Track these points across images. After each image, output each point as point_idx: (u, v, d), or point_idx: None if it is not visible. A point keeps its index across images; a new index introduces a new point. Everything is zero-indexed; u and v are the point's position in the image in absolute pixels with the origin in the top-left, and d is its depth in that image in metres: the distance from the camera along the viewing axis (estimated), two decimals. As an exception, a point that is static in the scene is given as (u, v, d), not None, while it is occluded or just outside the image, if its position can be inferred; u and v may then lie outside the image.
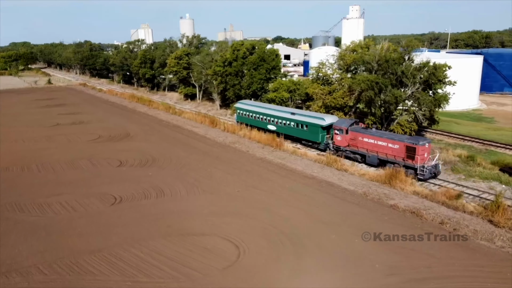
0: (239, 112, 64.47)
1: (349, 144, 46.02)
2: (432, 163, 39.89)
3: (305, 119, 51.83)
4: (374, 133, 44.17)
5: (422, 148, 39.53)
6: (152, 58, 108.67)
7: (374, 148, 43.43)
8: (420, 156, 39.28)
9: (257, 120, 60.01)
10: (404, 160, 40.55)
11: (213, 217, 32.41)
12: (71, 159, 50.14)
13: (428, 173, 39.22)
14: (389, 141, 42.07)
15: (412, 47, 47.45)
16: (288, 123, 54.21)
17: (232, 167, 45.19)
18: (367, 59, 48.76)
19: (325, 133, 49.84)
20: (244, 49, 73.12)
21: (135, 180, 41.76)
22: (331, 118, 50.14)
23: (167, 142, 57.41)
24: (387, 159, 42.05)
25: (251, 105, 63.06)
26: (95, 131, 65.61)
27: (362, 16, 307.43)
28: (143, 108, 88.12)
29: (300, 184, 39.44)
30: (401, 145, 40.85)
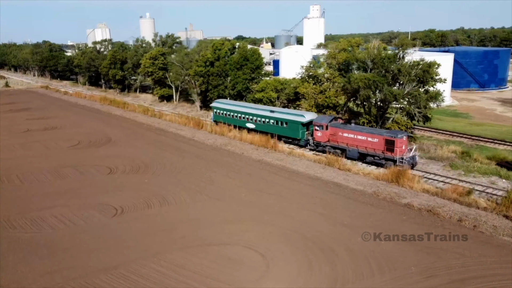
0: (216, 111, 64.57)
1: (329, 139, 47.55)
2: (410, 155, 42.06)
3: (285, 116, 52.78)
4: (353, 128, 45.94)
5: (400, 141, 41.79)
6: (122, 59, 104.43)
7: (354, 143, 45.14)
8: (398, 148, 41.59)
9: (234, 118, 60.37)
10: (383, 153, 42.58)
11: (228, 225, 30.89)
12: (54, 167, 46.75)
13: (406, 164, 41.16)
14: (368, 135, 43.90)
15: (407, 45, 47.77)
16: (267, 121, 55.00)
17: (232, 171, 43.67)
18: (361, 57, 48.69)
19: (305, 129, 51.06)
20: (225, 49, 71.50)
21: (132, 188, 39.36)
22: (310, 115, 51.39)
23: (154, 147, 54.89)
24: (367, 152, 43.85)
25: (228, 104, 63.33)
26: (73, 137, 61.84)
27: (322, 15, 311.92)
28: (118, 111, 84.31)
29: (307, 186, 38.58)
30: (380, 138, 42.82)
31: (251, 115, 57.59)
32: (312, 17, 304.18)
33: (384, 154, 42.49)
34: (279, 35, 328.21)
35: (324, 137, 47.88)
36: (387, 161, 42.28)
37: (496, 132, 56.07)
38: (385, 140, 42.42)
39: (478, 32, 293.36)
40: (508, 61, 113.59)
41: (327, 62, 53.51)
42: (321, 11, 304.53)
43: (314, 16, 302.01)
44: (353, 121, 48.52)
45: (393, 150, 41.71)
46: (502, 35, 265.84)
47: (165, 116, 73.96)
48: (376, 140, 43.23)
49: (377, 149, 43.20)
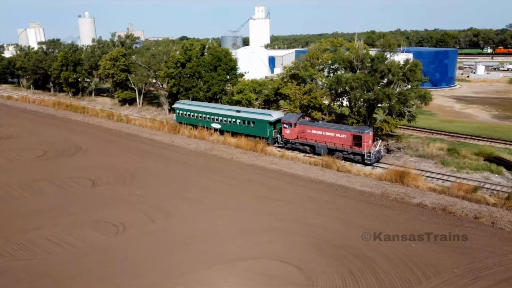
0: (178, 112, 64.31)
1: (298, 136, 48.63)
2: (376, 149, 44.11)
3: (252, 115, 53.60)
4: (321, 125, 47.40)
5: (367, 136, 43.53)
6: (75, 60, 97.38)
7: (322, 139, 46.58)
8: (366, 143, 43.37)
9: (199, 119, 60.45)
10: (351, 148, 44.27)
11: (247, 236, 28.97)
12: (25, 181, 41.87)
13: (374, 158, 43.57)
14: (336, 131, 45.48)
15: (394, 45, 48.30)
16: (233, 121, 55.62)
17: (227, 177, 41.54)
18: (347, 57, 48.51)
19: (272, 128, 52.06)
20: (197, 49, 68.75)
21: (125, 201, 36.03)
22: (277, 114, 52.78)
23: (133, 154, 51.17)
24: (336, 148, 45.44)
25: (192, 104, 63.11)
26: (35, 146, 56.17)
27: (267, 16, 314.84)
28: (77, 116, 78.30)
29: (313, 190, 37.48)
30: (348, 134, 44.46)
31: (217, 115, 57.93)
32: (258, 18, 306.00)
33: (352, 149, 44.09)
34: (226, 36, 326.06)
35: (293, 134, 48.93)
36: (355, 155, 44.07)
37: (469, 128, 58.56)
38: (352, 135, 43.98)
39: (415, 33, 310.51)
40: (456, 60, 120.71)
41: (311, 62, 52.78)
42: (266, 12, 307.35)
43: (260, 17, 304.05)
44: (320, 119, 50.31)
45: (361, 145, 43.42)
46: (437, 36, 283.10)
47: (133, 121, 69.69)
48: (344, 136, 44.76)
49: (345, 144, 44.75)
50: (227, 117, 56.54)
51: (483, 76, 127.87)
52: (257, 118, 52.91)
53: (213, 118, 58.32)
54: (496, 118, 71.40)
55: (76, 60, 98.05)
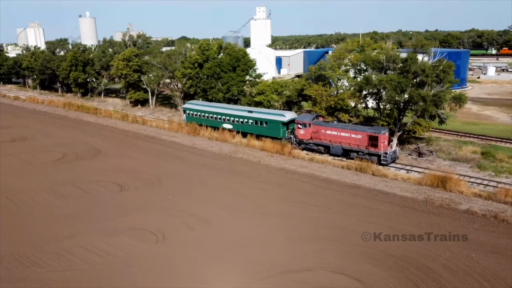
0: (188, 112, 64.00)
1: (312, 137, 48.52)
2: (392, 150, 44.19)
3: (265, 116, 53.29)
4: (336, 126, 47.26)
5: (383, 137, 43.37)
6: (84, 60, 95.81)
7: (337, 139, 46.39)
8: (382, 144, 43.22)
9: (210, 119, 60.34)
10: (367, 148, 43.97)
11: (295, 245, 27.56)
12: (48, 185, 40.37)
13: (390, 158, 43.43)
14: (352, 132, 45.30)
15: (428, 46, 46.99)
16: (246, 121, 55.36)
17: (259, 182, 40.10)
18: (377, 58, 47.17)
19: (285, 128, 51.76)
20: (214, 49, 67.34)
21: (157, 207, 34.55)
22: (290, 114, 52.67)
23: (155, 157, 49.69)
24: (351, 148, 45.16)
25: (202, 105, 62.88)
26: (52, 148, 54.62)
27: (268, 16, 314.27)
28: (89, 117, 76.73)
29: (352, 195, 36.09)
30: (364, 135, 44.27)
31: (228, 115, 57.62)
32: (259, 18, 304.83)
33: (368, 149, 43.82)
34: (227, 36, 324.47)
35: (307, 135, 48.76)
36: (371, 156, 43.74)
37: (495, 130, 57.24)
38: (368, 136, 43.84)
39: (417, 34, 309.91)
40: (468, 61, 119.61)
41: (337, 63, 51.45)
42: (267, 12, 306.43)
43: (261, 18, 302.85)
44: (335, 119, 50.33)
45: (377, 145, 43.24)
46: (440, 37, 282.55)
47: (149, 122, 68.14)
48: (359, 137, 44.55)
49: (360, 145, 44.49)
50: (239, 117, 56.24)
51: (494, 77, 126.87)
52: (270, 119, 52.56)
53: (224, 118, 58.08)
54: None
55: (85, 60, 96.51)
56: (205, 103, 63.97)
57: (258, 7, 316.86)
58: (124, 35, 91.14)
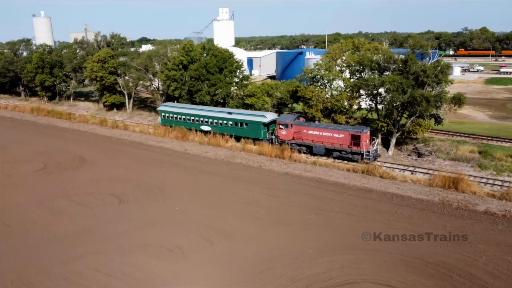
0: (164, 115, 62.67)
1: (294, 137, 48.66)
2: (374, 148, 44.91)
3: (245, 117, 52.92)
4: (318, 126, 47.67)
5: (365, 136, 44.26)
6: (51, 62, 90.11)
7: (319, 139, 46.79)
8: (364, 143, 43.97)
9: (187, 121, 59.44)
10: (350, 147, 44.66)
11: (328, 256, 26.26)
12: (39, 200, 36.90)
13: (372, 156, 44.09)
14: (334, 131, 45.85)
15: (427, 46, 47.09)
16: (225, 123, 54.87)
17: (268, 188, 38.52)
18: (376, 59, 46.83)
19: (266, 129, 51.71)
20: (199, 50, 65.01)
21: (167, 220, 32.20)
22: (271, 115, 52.71)
23: (149, 164, 46.90)
24: (334, 148, 45.66)
25: (178, 107, 61.77)
26: (30, 158, 50.47)
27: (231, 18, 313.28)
28: (63, 123, 72.04)
29: (367, 199, 35.27)
30: (346, 134, 44.93)
31: (206, 117, 56.96)
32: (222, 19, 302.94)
33: (351, 148, 44.46)
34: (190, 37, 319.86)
35: (288, 135, 48.81)
36: (353, 154, 44.40)
37: (482, 129, 58.56)
38: (351, 135, 44.50)
39: (378, 36, 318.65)
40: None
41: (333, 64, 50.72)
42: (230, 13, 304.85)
43: (224, 18, 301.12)
44: (317, 119, 50.35)
45: (359, 144, 43.94)
46: (400, 38, 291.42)
47: (132, 127, 64.72)
48: (341, 136, 45.16)
49: (343, 144, 45.07)
50: (218, 119, 55.54)
51: (460, 77, 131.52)
52: (250, 120, 52.20)
53: (202, 120, 57.35)
54: (494, 118, 72.48)
55: (53, 62, 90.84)
56: (182, 105, 62.89)
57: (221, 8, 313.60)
58: (96, 35, 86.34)
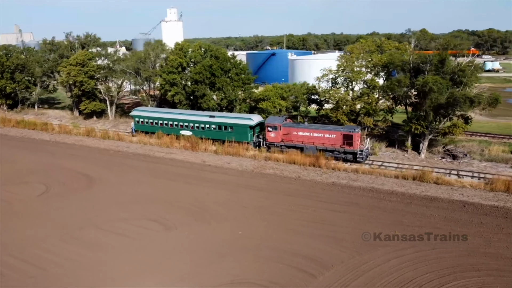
0: (138, 120, 59.46)
1: (283, 139, 48.18)
2: (366, 147, 45.27)
3: (230, 120, 51.71)
4: (308, 126, 47.61)
5: (357, 135, 44.38)
6: (12, 66, 79.94)
7: (310, 140, 46.59)
8: (356, 142, 44.18)
9: (164, 126, 56.77)
10: (342, 147, 44.85)
11: (458, 280, 23.23)
12: (62, 232, 30.82)
13: (365, 155, 44.65)
14: (325, 132, 45.85)
15: (460, 45, 45.79)
16: (207, 127, 53.31)
17: (324, 202, 35.00)
18: (405, 59, 44.97)
19: (252, 132, 50.87)
20: (200, 52, 59.98)
21: (241, 249, 27.70)
22: (257, 118, 51.69)
23: (170, 180, 41.60)
24: (326, 148, 45.56)
25: (154, 111, 59.34)
26: (25, 179, 43.15)
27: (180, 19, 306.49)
28: (40, 134, 63.51)
29: (440, 210, 32.77)
30: (338, 134, 45.03)
31: (187, 121, 54.95)
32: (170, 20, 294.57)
33: (344, 148, 44.56)
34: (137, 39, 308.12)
35: (277, 137, 48.20)
36: (346, 154, 44.51)
37: (496, 128, 58.83)
38: (343, 135, 44.62)
39: (334, 37, 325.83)
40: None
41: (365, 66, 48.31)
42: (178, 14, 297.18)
43: (172, 19, 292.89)
44: (305, 120, 50.70)
45: (352, 143, 44.09)
46: (352, 39, 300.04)
47: (127, 138, 58.13)
48: (333, 136, 45.21)
49: (335, 144, 45.14)
50: (200, 123, 53.71)
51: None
52: (236, 123, 51.00)
53: (182, 124, 55.21)
54: (486, 116, 73.98)
55: (14, 66, 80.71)
56: (157, 109, 60.82)
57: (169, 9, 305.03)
58: (67, 36, 77.48)
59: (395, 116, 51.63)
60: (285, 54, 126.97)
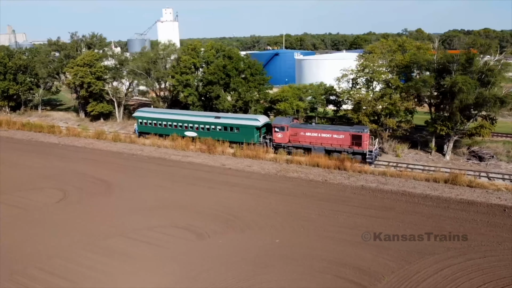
0: (141, 121, 58.10)
1: (290, 140, 47.64)
2: (375, 147, 44.63)
3: (236, 121, 50.95)
4: (316, 127, 47.19)
5: (366, 135, 44.11)
6: (15, 67, 77.86)
7: (318, 141, 46.14)
8: (365, 142, 43.81)
9: (168, 128, 55.70)
10: (351, 148, 44.30)
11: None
12: (86, 241, 29.14)
13: (374, 156, 43.81)
14: (333, 132, 45.45)
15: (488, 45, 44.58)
16: (213, 128, 52.41)
17: (358, 207, 33.71)
18: (430, 59, 43.82)
19: (259, 133, 50.14)
20: (213, 52, 58.47)
21: (284, 259, 26.25)
22: (263, 118, 51.06)
23: (192, 185, 40.08)
24: (334, 148, 45.07)
25: (157, 112, 58.17)
26: (39, 184, 41.48)
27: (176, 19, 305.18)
28: (48, 137, 61.56)
29: (480, 214, 31.67)
30: (346, 134, 44.58)
31: (191, 122, 54.06)
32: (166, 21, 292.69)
33: (353, 148, 44.06)
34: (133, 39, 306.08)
35: (285, 138, 47.70)
36: (355, 155, 44.02)
37: (508, 128, 57.96)
38: (351, 135, 44.17)
39: (331, 37, 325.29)
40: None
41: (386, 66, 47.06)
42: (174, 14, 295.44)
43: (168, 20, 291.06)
44: (313, 121, 49.94)
45: (361, 144, 43.64)
46: (350, 39, 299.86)
47: (140, 140, 56.42)
48: (342, 137, 44.79)
49: (343, 144, 44.67)
50: (205, 123, 52.85)
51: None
52: (242, 124, 50.21)
53: (187, 125, 54.32)
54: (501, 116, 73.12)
55: (16, 67, 78.65)
56: (161, 110, 59.56)
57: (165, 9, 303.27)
58: (72, 36, 75.48)
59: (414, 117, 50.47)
60: (288, 54, 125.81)
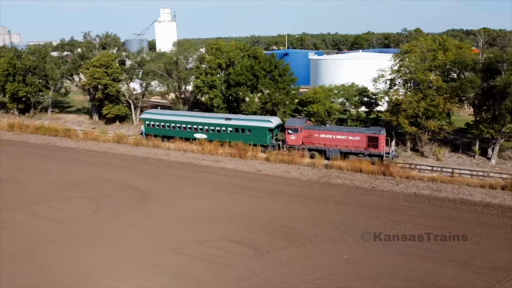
0: (148, 123, 56.87)
1: (304, 142, 46.92)
2: (392, 149, 44.09)
3: (248, 123, 50.02)
4: (331, 129, 46.50)
5: (383, 137, 43.56)
6: (24, 68, 75.00)
7: (333, 143, 45.37)
8: (382, 144, 43.30)
9: (177, 130, 54.63)
10: (367, 149, 43.66)
11: None
12: (137, 258, 26.56)
13: (391, 158, 43.19)
14: (349, 134, 44.80)
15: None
16: (223, 130, 51.33)
17: (419, 217, 31.65)
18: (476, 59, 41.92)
19: (271, 135, 49.33)
20: (238, 51, 56.16)
21: (349, 280, 24.03)
22: (276, 120, 50.34)
23: (230, 193, 37.89)
24: (350, 150, 44.45)
25: (166, 114, 56.95)
26: (63, 193, 38.94)
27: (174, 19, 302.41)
28: (64, 142, 58.78)
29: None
30: (362, 136, 44.01)
31: (201, 124, 53.04)
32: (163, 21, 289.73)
33: (369, 150, 43.49)
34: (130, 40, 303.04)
35: (298, 140, 47.00)
36: (371, 157, 43.24)
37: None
38: (367, 137, 43.69)
39: (332, 36, 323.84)
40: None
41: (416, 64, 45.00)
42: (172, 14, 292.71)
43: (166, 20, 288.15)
44: (328, 122, 48.63)
45: (378, 146, 43.19)
46: (351, 39, 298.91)
47: (163, 144, 53.85)
48: (357, 138, 44.24)
49: (359, 146, 44.11)
50: (215, 125, 51.91)
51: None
52: (254, 125, 49.33)
53: (196, 127, 53.20)
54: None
55: (26, 68, 75.75)
56: (169, 111, 58.59)
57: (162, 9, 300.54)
58: (85, 35, 72.83)
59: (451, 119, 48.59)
60: (298, 54, 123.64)
